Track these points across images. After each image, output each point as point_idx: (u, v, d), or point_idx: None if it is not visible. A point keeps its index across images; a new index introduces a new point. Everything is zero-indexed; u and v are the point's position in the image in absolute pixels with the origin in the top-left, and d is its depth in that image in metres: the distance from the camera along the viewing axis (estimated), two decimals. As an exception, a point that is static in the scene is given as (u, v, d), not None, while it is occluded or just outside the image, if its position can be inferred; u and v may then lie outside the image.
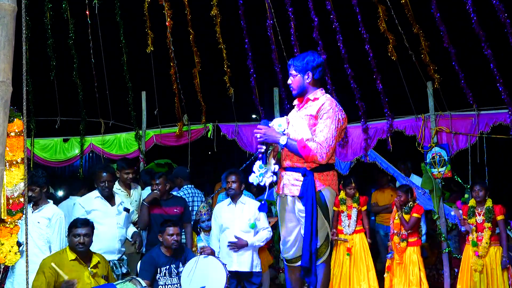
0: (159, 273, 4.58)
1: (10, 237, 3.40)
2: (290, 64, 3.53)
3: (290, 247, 3.61)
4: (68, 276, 3.92)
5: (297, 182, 3.42)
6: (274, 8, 7.01)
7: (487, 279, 5.23)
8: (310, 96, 3.48)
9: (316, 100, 3.45)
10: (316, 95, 3.48)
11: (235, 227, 4.94)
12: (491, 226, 5.20)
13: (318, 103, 3.42)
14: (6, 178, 3.13)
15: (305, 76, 3.46)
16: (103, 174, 4.76)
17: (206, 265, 4.64)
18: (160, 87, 7.59)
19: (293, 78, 3.51)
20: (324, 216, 3.39)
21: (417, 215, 5.64)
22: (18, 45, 2.61)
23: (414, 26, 6.24)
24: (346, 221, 6.06)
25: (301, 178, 3.39)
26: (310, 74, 3.46)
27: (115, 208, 4.84)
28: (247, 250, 4.91)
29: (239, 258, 4.89)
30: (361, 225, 6.09)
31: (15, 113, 3.24)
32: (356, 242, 6.01)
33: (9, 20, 2.50)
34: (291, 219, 3.54)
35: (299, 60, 3.49)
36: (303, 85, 3.49)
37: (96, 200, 4.79)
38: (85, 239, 4.07)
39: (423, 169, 6.34)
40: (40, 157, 7.75)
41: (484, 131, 6.13)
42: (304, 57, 3.48)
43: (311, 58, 3.47)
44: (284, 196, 3.54)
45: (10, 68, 2.51)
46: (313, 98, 3.46)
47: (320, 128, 3.32)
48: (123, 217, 4.87)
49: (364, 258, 5.97)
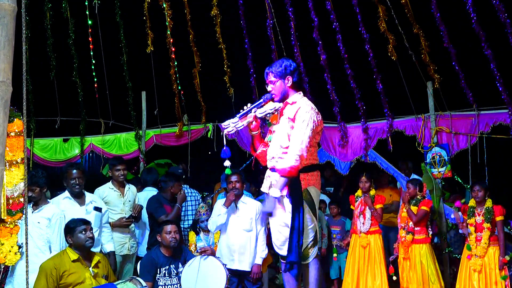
0: (158, 273, 4.57)
1: (10, 237, 3.40)
2: (268, 72, 3.66)
3: (282, 244, 3.69)
4: (70, 278, 3.92)
5: None
6: (274, 8, 7.01)
7: (486, 279, 5.24)
8: (289, 100, 3.63)
9: (294, 104, 3.59)
10: (294, 98, 3.62)
11: (236, 227, 4.94)
12: (490, 227, 5.21)
13: (296, 106, 3.56)
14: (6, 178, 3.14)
15: (285, 81, 3.61)
16: (73, 171, 4.70)
17: (206, 266, 4.64)
18: (160, 87, 7.59)
19: (273, 84, 3.64)
20: (312, 213, 3.53)
21: (425, 208, 5.58)
22: (18, 45, 2.61)
23: (414, 26, 6.24)
24: (361, 219, 5.98)
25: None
26: (289, 78, 3.61)
27: (83, 208, 4.71)
28: (248, 249, 4.90)
29: (240, 257, 4.89)
30: (376, 226, 5.97)
31: (15, 113, 3.25)
32: (371, 243, 5.92)
33: (9, 20, 2.50)
34: (280, 217, 3.62)
35: (276, 66, 3.63)
36: (284, 89, 3.63)
37: (65, 200, 4.71)
38: (92, 233, 4.10)
39: (423, 169, 6.35)
40: (40, 157, 7.75)
41: (484, 131, 6.13)
42: (281, 64, 3.63)
43: (288, 63, 3.63)
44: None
45: (10, 68, 2.51)
46: (291, 102, 3.61)
47: (294, 132, 3.47)
48: (92, 217, 4.65)
49: (379, 261, 5.88)
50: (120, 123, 7.98)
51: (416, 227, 5.63)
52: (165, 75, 7.50)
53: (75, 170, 4.73)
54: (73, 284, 3.92)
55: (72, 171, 4.73)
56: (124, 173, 5.34)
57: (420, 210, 5.59)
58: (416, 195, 5.67)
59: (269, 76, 3.65)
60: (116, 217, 5.17)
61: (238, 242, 4.90)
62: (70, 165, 4.95)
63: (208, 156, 9.79)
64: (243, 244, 4.91)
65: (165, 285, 4.55)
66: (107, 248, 4.86)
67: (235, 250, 4.91)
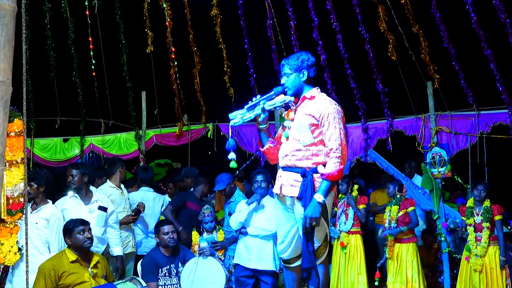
0: (160, 273, 4.58)
1: (10, 237, 3.40)
2: (284, 64, 3.52)
3: (286, 247, 3.59)
4: (69, 278, 3.91)
5: (296, 182, 3.40)
6: (274, 8, 7.01)
7: (486, 279, 5.24)
8: (307, 94, 3.48)
9: (313, 99, 3.45)
10: (312, 93, 3.47)
11: (258, 226, 4.93)
12: (490, 226, 5.22)
13: (316, 102, 3.42)
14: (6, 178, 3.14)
15: (300, 75, 3.47)
16: (69, 170, 4.75)
17: (206, 266, 4.64)
18: (160, 87, 7.58)
19: (287, 77, 3.50)
20: (323, 217, 3.36)
21: (413, 208, 5.70)
22: (18, 45, 2.61)
23: (414, 26, 6.24)
24: (343, 218, 6.04)
25: (300, 178, 3.37)
26: (305, 72, 3.46)
27: (87, 207, 4.71)
28: (266, 249, 4.88)
29: (258, 256, 4.86)
30: (358, 227, 6.03)
31: (15, 113, 3.24)
32: (352, 242, 5.98)
33: (9, 20, 2.51)
34: (290, 219, 3.54)
35: (293, 59, 3.49)
36: (298, 83, 3.48)
37: (71, 199, 4.73)
38: (91, 233, 4.09)
39: (423, 169, 6.35)
40: (40, 157, 7.74)
41: (484, 131, 6.13)
42: (298, 57, 3.49)
43: (305, 57, 3.49)
44: (283, 197, 3.52)
45: (10, 68, 2.51)
46: (309, 96, 3.46)
47: (328, 136, 3.34)
48: (95, 216, 4.67)
49: (358, 261, 5.92)
50: (120, 123, 7.97)
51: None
52: (165, 75, 7.49)
53: (70, 169, 4.76)
54: (72, 284, 3.91)
55: (69, 170, 4.77)
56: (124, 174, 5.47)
57: (409, 212, 5.66)
58: (396, 195, 5.76)
59: (285, 68, 3.50)
60: (120, 216, 5.20)
61: (257, 241, 4.88)
62: (70, 164, 4.99)
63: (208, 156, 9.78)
64: (262, 244, 4.88)
65: (165, 284, 4.56)
66: (115, 252, 4.83)
67: (253, 249, 4.88)
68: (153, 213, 5.80)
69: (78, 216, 4.30)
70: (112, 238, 4.84)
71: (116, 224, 4.90)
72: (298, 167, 3.40)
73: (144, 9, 7.38)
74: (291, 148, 3.43)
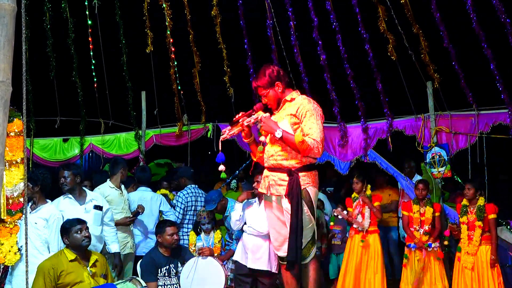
0: (159, 273, 4.58)
1: (9, 237, 3.41)
2: (256, 87, 3.65)
3: (280, 245, 3.68)
4: (68, 277, 3.91)
5: (283, 182, 3.54)
6: (274, 8, 7.01)
7: (478, 277, 5.26)
8: (287, 97, 3.62)
9: (293, 100, 3.59)
10: (292, 95, 3.62)
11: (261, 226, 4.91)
12: (482, 225, 5.22)
13: (296, 102, 3.56)
14: (6, 178, 3.14)
15: (275, 88, 3.60)
16: (61, 171, 4.72)
17: (205, 266, 4.64)
18: (160, 87, 7.58)
19: (266, 97, 3.63)
20: (311, 213, 3.52)
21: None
22: (18, 45, 2.61)
23: (414, 26, 6.24)
24: (359, 219, 5.97)
25: (287, 178, 3.52)
26: (278, 83, 3.59)
27: (83, 207, 4.71)
28: (262, 248, 4.87)
29: (254, 256, 4.85)
30: (375, 226, 5.97)
31: (15, 113, 3.25)
32: (370, 242, 5.92)
33: (9, 20, 2.50)
34: (279, 217, 3.63)
35: (261, 78, 3.60)
36: (278, 96, 3.63)
37: (65, 200, 4.73)
38: (88, 232, 4.09)
39: (423, 169, 6.34)
40: (40, 157, 7.74)
41: (484, 131, 6.13)
42: (264, 73, 3.59)
43: (270, 70, 3.60)
44: (270, 196, 3.65)
45: (10, 68, 2.51)
46: (290, 99, 3.61)
47: (308, 126, 3.45)
48: (92, 215, 4.67)
49: (377, 260, 5.89)
50: (120, 123, 7.97)
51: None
52: (165, 75, 7.49)
53: (62, 170, 4.73)
54: (71, 284, 3.91)
55: (60, 171, 4.74)
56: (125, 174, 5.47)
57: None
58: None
59: (260, 90, 3.64)
60: (119, 216, 5.19)
61: (253, 240, 4.88)
62: (61, 165, 5.00)
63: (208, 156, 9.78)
64: (259, 243, 4.88)
65: (164, 285, 4.56)
66: (112, 249, 4.85)
67: (249, 248, 4.88)
68: (151, 213, 5.79)
69: (74, 216, 4.30)
70: (109, 235, 4.88)
71: (111, 222, 4.93)
72: (284, 167, 3.53)
73: (144, 9, 7.38)
74: (276, 149, 3.57)
